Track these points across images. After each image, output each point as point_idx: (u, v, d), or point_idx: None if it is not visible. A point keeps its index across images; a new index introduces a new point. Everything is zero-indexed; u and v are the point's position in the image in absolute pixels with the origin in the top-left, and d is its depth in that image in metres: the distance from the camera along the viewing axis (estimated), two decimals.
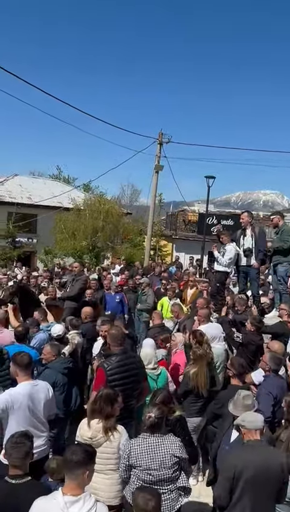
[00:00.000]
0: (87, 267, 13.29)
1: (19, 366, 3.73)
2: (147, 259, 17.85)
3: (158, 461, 3.12)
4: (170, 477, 3.16)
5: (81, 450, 2.53)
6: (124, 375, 3.93)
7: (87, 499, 2.41)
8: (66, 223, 19.27)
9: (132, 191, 42.68)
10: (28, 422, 3.61)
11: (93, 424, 3.40)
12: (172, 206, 29.01)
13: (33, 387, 3.72)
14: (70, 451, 2.52)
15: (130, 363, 4.05)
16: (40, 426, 3.71)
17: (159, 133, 17.39)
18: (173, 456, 3.16)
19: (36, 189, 24.48)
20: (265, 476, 2.94)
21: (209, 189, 16.82)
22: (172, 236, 23.20)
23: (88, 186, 30.83)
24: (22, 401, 3.58)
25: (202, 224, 19.25)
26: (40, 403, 3.71)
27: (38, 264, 20.17)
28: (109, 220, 19.29)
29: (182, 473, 3.27)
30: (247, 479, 2.93)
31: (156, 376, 4.67)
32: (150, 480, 3.12)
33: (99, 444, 3.32)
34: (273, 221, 7.20)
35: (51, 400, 3.87)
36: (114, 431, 3.37)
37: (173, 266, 15.90)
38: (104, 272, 12.23)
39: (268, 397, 4.10)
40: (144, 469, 3.11)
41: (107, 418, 3.37)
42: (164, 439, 3.23)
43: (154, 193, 18.37)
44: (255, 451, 3.06)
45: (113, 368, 3.92)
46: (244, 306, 6.94)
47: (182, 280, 10.63)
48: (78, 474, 2.43)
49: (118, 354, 4.05)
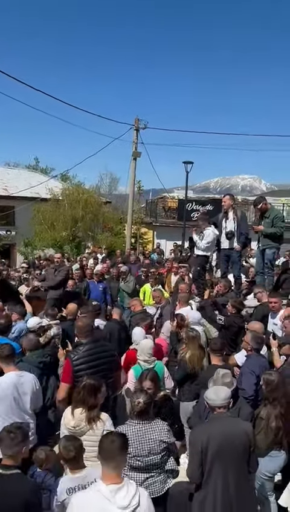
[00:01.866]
0: (68, 257, 13.16)
1: (1, 358, 3.72)
2: (128, 247, 17.80)
3: (147, 448, 3.14)
4: (159, 462, 3.20)
5: (119, 437, 2.48)
6: (92, 364, 3.86)
7: (130, 485, 2.40)
8: (44, 214, 18.97)
9: (110, 180, 42.27)
10: (14, 412, 3.59)
11: (77, 413, 3.38)
12: (151, 193, 28.90)
13: (19, 378, 3.70)
14: (108, 440, 2.44)
15: (100, 351, 3.97)
16: (26, 417, 3.69)
17: (135, 119, 17.21)
18: (161, 442, 3.19)
19: (12, 180, 23.96)
20: (231, 445, 3.03)
21: (188, 174, 16.79)
22: (152, 224, 23.15)
23: (66, 176, 30.34)
24: (7, 391, 3.57)
25: (181, 211, 19.25)
26: (27, 394, 3.69)
27: (18, 257, 19.88)
28: (88, 209, 19.09)
29: (170, 457, 3.31)
30: (214, 451, 3.01)
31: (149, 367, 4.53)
32: (138, 466, 3.14)
33: (82, 433, 3.31)
34: (262, 207, 7.27)
35: (38, 392, 3.85)
36: (97, 420, 3.37)
37: (154, 253, 15.93)
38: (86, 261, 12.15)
39: (251, 376, 4.18)
40: (132, 456, 3.12)
41: (90, 408, 3.35)
42: (151, 425, 3.25)
43: (133, 180, 18.25)
44: (219, 422, 3.15)
45: (79, 358, 3.85)
46: (227, 289, 7.02)
47: (164, 266, 10.67)
48: (119, 462, 2.40)
49: (85, 343, 3.99)
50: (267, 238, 7.22)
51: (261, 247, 7.37)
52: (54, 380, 4.73)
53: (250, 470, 3.19)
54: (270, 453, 3.75)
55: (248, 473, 3.16)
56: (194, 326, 5.55)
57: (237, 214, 7.38)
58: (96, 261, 12.10)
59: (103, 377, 3.90)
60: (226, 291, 6.90)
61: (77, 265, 11.47)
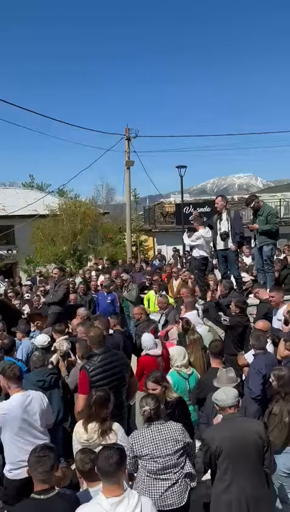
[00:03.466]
0: (70, 271, 13.18)
1: (9, 378, 3.68)
2: (129, 256, 17.83)
3: (162, 447, 3.14)
4: (176, 463, 3.17)
5: (115, 452, 2.44)
6: (108, 373, 3.90)
7: (131, 496, 2.38)
8: (43, 230, 19.06)
9: (106, 190, 42.47)
10: (26, 432, 3.57)
11: (90, 427, 3.37)
12: (148, 200, 29.00)
13: (25, 399, 3.66)
14: (103, 456, 2.41)
15: (113, 360, 4.02)
16: (39, 435, 3.66)
17: (126, 128, 17.36)
18: (176, 441, 3.19)
19: (9, 199, 24.10)
20: (243, 446, 3.02)
21: (182, 178, 16.86)
22: (152, 230, 23.20)
23: (62, 191, 30.56)
24: (16, 414, 3.54)
25: (179, 215, 19.30)
26: (36, 414, 3.66)
27: (21, 275, 19.90)
28: (87, 221, 19.18)
29: (187, 459, 3.29)
30: (226, 452, 3.01)
31: (188, 375, 4.53)
32: (157, 468, 3.13)
33: (96, 445, 3.29)
34: (255, 206, 7.30)
35: (47, 409, 3.81)
36: (110, 432, 3.35)
37: (155, 259, 15.93)
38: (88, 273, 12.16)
39: (257, 376, 4.16)
40: (150, 458, 3.12)
41: (103, 420, 3.35)
42: (165, 426, 3.25)
43: (129, 189, 18.35)
44: (230, 424, 3.16)
45: (95, 369, 3.89)
46: (228, 290, 7.01)
47: (165, 272, 10.67)
48: (118, 476, 2.38)
49: (99, 353, 4.01)
50: (263, 235, 7.24)
51: (258, 245, 7.38)
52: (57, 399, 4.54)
53: (267, 471, 3.16)
54: (287, 449, 3.71)
55: (264, 474, 3.13)
56: (198, 328, 5.56)
57: (230, 214, 7.41)
58: (98, 272, 12.11)
59: (118, 386, 3.94)
60: (228, 292, 6.89)
61: (79, 278, 11.48)
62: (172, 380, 4.38)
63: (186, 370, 4.55)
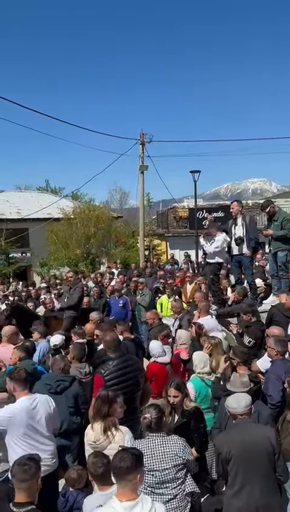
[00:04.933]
0: (83, 275, 13.28)
1: (16, 381, 3.63)
2: (142, 260, 17.87)
3: (159, 460, 3.06)
4: (174, 477, 3.07)
5: (129, 455, 2.43)
6: (122, 378, 3.92)
7: (145, 501, 2.37)
8: (57, 234, 19.28)
9: (120, 195, 42.71)
10: (31, 436, 3.53)
11: (96, 427, 3.40)
12: (161, 204, 29.06)
13: (31, 402, 3.61)
14: (117, 458, 2.41)
15: (128, 365, 4.03)
16: (44, 440, 3.62)
17: (140, 133, 17.46)
18: (175, 455, 3.10)
19: (24, 203, 24.42)
20: (254, 452, 3.00)
21: (196, 183, 16.89)
22: (165, 235, 23.21)
23: (76, 195, 30.86)
24: (22, 418, 3.49)
25: (193, 219, 19.28)
26: (42, 418, 3.61)
27: (35, 277, 20.12)
28: (100, 225, 19.34)
29: (188, 476, 3.19)
30: (237, 457, 3.00)
31: (211, 382, 4.49)
32: (154, 482, 3.05)
33: (103, 447, 3.31)
34: (270, 211, 7.26)
35: (53, 413, 3.75)
36: (116, 431, 3.36)
37: (168, 264, 15.94)
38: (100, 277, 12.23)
39: (277, 382, 4.10)
40: (147, 470, 3.03)
41: (105, 417, 3.36)
42: (166, 439, 3.19)
43: (142, 194, 18.43)
44: (241, 429, 3.14)
45: (110, 373, 3.91)
46: (242, 296, 6.98)
47: (177, 277, 10.67)
48: (130, 480, 2.37)
49: (114, 358, 4.03)
50: (278, 241, 7.18)
51: (272, 251, 7.33)
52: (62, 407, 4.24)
53: (281, 479, 3.13)
54: None
55: (276, 480, 3.10)
56: (214, 334, 5.52)
57: (246, 219, 7.38)
58: (111, 276, 12.16)
59: (133, 391, 3.95)
60: (242, 298, 6.86)
61: (92, 283, 11.57)
62: (194, 386, 4.34)
63: (209, 377, 4.51)
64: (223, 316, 6.47)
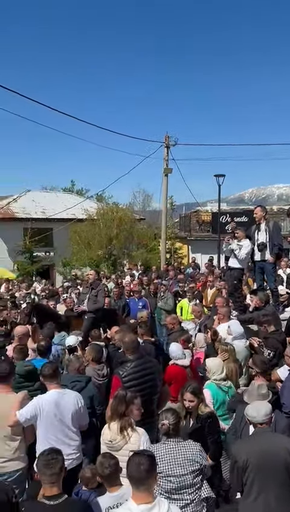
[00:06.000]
0: (103, 275, 13.40)
1: (45, 376, 3.83)
2: (163, 262, 17.85)
3: (177, 466, 3.05)
4: (192, 483, 3.06)
5: (146, 459, 2.42)
6: (140, 380, 3.93)
7: (161, 503, 2.38)
8: (81, 234, 19.53)
9: (143, 197, 42.79)
10: (57, 429, 3.65)
11: (113, 426, 3.42)
12: (185, 208, 28.94)
13: (61, 396, 3.75)
14: (134, 463, 2.39)
15: (147, 368, 4.04)
16: (70, 434, 3.73)
17: (165, 136, 17.47)
18: (193, 461, 3.10)
19: (49, 203, 24.82)
20: (271, 462, 2.96)
21: (220, 187, 16.78)
22: (187, 238, 23.13)
23: (101, 196, 31.13)
24: (49, 409, 3.64)
25: (216, 224, 19.13)
26: (69, 412, 3.72)
27: (57, 277, 20.46)
28: (123, 227, 19.47)
29: (204, 482, 3.18)
30: (254, 467, 2.96)
31: (227, 388, 4.48)
32: (171, 487, 3.04)
33: (119, 447, 3.33)
34: None
35: (81, 410, 3.84)
36: (132, 432, 3.37)
37: (189, 267, 15.87)
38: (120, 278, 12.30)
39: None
40: (164, 476, 3.04)
41: (121, 417, 3.39)
42: (184, 444, 3.18)
43: (165, 196, 18.42)
44: (259, 439, 3.11)
45: (128, 374, 3.93)
46: (264, 302, 6.85)
47: (199, 281, 10.60)
48: (149, 483, 2.38)
49: (132, 360, 4.05)
50: None
51: None
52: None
53: None
54: None
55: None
56: (237, 341, 5.45)
57: (269, 225, 7.26)
58: (132, 278, 12.21)
59: (151, 393, 3.96)
60: (264, 305, 6.73)
61: (112, 283, 11.63)
62: (211, 392, 4.31)
63: (225, 383, 4.48)
64: (243, 322, 6.35)
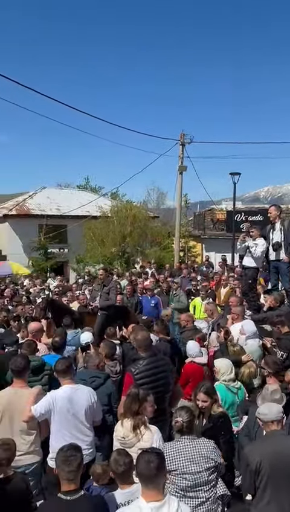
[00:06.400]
0: (116, 273, 13.43)
1: (59, 372, 3.87)
2: (176, 261, 17.80)
3: (192, 463, 3.05)
4: (207, 480, 3.06)
5: (155, 457, 2.42)
6: (152, 378, 3.92)
7: (171, 502, 2.38)
8: (94, 231, 19.62)
9: (157, 195, 42.70)
10: (71, 425, 3.69)
11: (126, 424, 3.44)
12: (199, 206, 28.79)
13: (74, 391, 3.78)
14: (144, 461, 2.39)
15: (159, 365, 4.03)
16: (84, 430, 3.76)
17: (181, 134, 17.38)
18: (208, 458, 3.10)
19: (64, 200, 25.03)
20: (285, 464, 2.93)
21: (236, 185, 16.64)
22: (201, 236, 23.02)
23: (115, 193, 31.20)
24: (63, 403, 3.68)
25: (230, 222, 18.98)
26: (82, 407, 3.75)
27: (71, 273, 20.62)
28: (137, 224, 19.47)
29: (219, 479, 3.18)
30: (266, 471, 2.93)
31: (236, 389, 4.47)
32: (186, 485, 3.04)
33: (132, 444, 3.34)
34: None
35: (94, 405, 3.87)
36: (145, 429, 3.38)
37: (203, 266, 15.78)
38: (134, 276, 12.30)
39: None
40: (179, 473, 3.04)
41: (135, 414, 3.40)
42: (197, 442, 3.18)
43: (180, 194, 18.34)
44: (272, 441, 3.07)
45: (140, 372, 3.92)
46: (279, 303, 6.76)
47: (213, 280, 10.53)
48: (158, 482, 2.38)
49: (145, 357, 4.04)
50: None
51: None
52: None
53: None
54: None
55: None
56: (250, 340, 5.40)
57: (284, 225, 7.18)
58: (145, 275, 12.21)
59: (163, 391, 3.95)
60: (278, 305, 6.64)
61: (125, 281, 11.65)
62: (220, 393, 4.27)
63: (234, 384, 4.45)
64: (257, 322, 6.28)
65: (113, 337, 5.87)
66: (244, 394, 4.54)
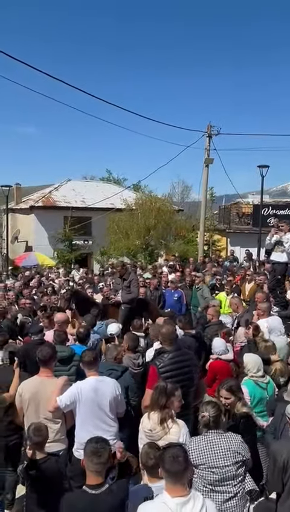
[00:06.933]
0: (139, 266, 13.42)
1: (85, 363, 3.88)
2: (200, 254, 17.63)
3: (220, 457, 3.04)
4: (235, 474, 3.05)
5: (181, 452, 2.41)
6: (177, 372, 3.90)
7: (196, 497, 2.37)
8: (119, 224, 19.66)
9: (182, 188, 42.43)
10: (96, 416, 3.70)
11: (153, 416, 3.43)
12: (224, 199, 28.35)
13: (98, 383, 3.79)
14: (169, 456, 2.37)
15: (184, 360, 4.01)
16: (108, 421, 3.77)
17: (208, 125, 17.12)
18: (235, 452, 3.08)
19: (89, 192, 25.21)
20: None
21: (263, 179, 16.24)
22: (226, 230, 22.69)
23: (139, 186, 31.14)
24: (88, 394, 3.70)
25: (257, 216, 18.58)
26: (106, 399, 3.76)
27: (94, 265, 20.78)
28: (161, 217, 19.35)
29: (247, 474, 3.16)
30: None
31: (265, 384, 4.41)
32: (214, 479, 3.03)
33: (159, 437, 3.33)
34: None
35: (119, 397, 3.88)
36: (172, 423, 3.36)
37: (227, 260, 15.56)
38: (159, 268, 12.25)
39: None
40: (206, 467, 3.04)
41: (162, 409, 3.38)
42: (225, 436, 3.16)
43: (205, 187, 18.10)
44: None
45: (165, 365, 3.91)
46: None
47: (237, 274, 10.36)
48: (184, 476, 2.37)
49: (170, 351, 4.02)
50: None
51: None
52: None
53: None
54: None
55: None
56: (277, 337, 5.28)
57: None
58: (170, 269, 12.15)
59: (188, 385, 3.93)
60: None
61: (148, 274, 11.61)
62: (248, 389, 4.22)
63: (263, 379, 4.37)
64: (284, 318, 6.13)
65: (139, 330, 5.86)
66: (274, 389, 4.43)
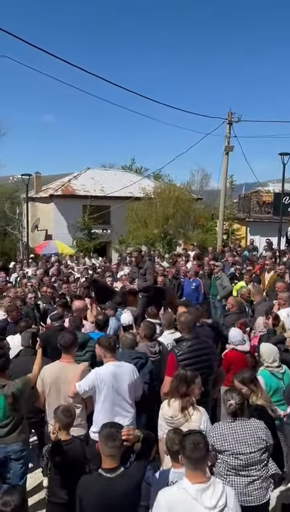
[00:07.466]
0: (158, 254, 13.41)
1: (105, 348, 3.91)
2: (219, 244, 17.47)
3: (244, 444, 3.09)
4: (259, 459, 3.10)
5: (200, 437, 2.44)
6: (196, 360, 3.92)
7: (217, 484, 2.39)
8: (137, 212, 19.64)
9: (202, 176, 41.91)
10: (114, 401, 3.77)
11: (173, 404, 3.46)
12: (244, 188, 27.86)
13: (117, 368, 3.85)
14: (190, 442, 2.39)
15: (202, 348, 4.02)
16: (126, 406, 3.84)
17: (228, 112, 16.77)
18: (260, 438, 3.12)
19: (108, 181, 25.20)
20: None
21: (285, 167, 15.85)
22: (245, 219, 22.37)
23: (158, 175, 30.95)
24: (107, 380, 3.76)
25: (278, 205, 18.21)
26: (124, 383, 3.82)
27: (113, 254, 20.90)
28: (180, 206, 19.23)
29: (270, 459, 3.21)
30: None
31: (282, 374, 4.41)
32: (239, 464, 3.08)
33: (180, 424, 3.36)
34: None
35: (136, 382, 3.94)
36: (193, 410, 3.39)
37: (246, 250, 15.39)
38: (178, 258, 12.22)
39: None
40: (231, 453, 3.09)
41: (183, 396, 3.42)
42: (247, 422, 3.20)
43: (225, 175, 17.82)
44: None
45: (184, 353, 3.93)
46: None
47: (257, 264, 10.24)
48: (204, 463, 2.40)
49: (188, 339, 4.04)
50: None
51: None
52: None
53: None
54: None
55: None
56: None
57: None
58: (187, 258, 12.13)
59: (207, 373, 3.95)
60: None
61: (166, 263, 11.60)
62: (264, 379, 4.22)
63: (279, 369, 4.37)
64: None
65: (155, 318, 5.90)
66: None
